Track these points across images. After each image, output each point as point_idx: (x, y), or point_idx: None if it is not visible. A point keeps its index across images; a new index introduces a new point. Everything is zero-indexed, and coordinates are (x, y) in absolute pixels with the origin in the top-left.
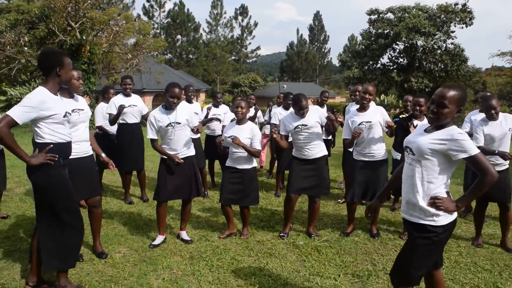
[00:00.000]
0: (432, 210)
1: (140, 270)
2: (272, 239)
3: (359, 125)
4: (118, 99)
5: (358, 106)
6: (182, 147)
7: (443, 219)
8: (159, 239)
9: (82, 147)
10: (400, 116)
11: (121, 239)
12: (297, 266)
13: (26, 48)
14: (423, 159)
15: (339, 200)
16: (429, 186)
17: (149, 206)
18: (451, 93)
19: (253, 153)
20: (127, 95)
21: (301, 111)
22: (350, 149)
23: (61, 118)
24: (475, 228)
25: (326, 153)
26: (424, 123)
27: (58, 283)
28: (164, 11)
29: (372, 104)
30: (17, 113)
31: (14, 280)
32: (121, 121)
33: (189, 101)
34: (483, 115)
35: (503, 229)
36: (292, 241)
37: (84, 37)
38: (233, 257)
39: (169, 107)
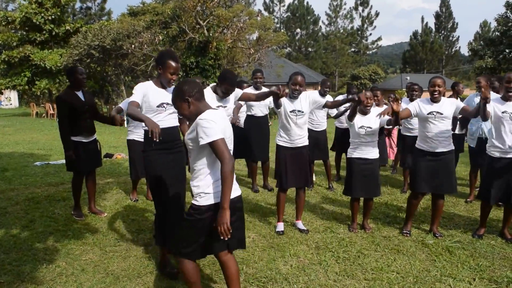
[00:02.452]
0: (195, 190)
1: (268, 255)
2: (399, 235)
3: (502, 113)
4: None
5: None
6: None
7: (204, 200)
8: (281, 225)
9: None
10: None
11: (249, 225)
12: (427, 265)
13: (160, 47)
14: (189, 148)
15: (468, 199)
16: (197, 170)
17: (273, 195)
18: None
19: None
20: (257, 88)
21: (434, 94)
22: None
23: (154, 107)
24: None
25: (453, 147)
26: None
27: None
28: (284, 6)
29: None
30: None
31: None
32: (249, 113)
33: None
34: None
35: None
36: (420, 239)
37: (211, 34)
38: (359, 251)
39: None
